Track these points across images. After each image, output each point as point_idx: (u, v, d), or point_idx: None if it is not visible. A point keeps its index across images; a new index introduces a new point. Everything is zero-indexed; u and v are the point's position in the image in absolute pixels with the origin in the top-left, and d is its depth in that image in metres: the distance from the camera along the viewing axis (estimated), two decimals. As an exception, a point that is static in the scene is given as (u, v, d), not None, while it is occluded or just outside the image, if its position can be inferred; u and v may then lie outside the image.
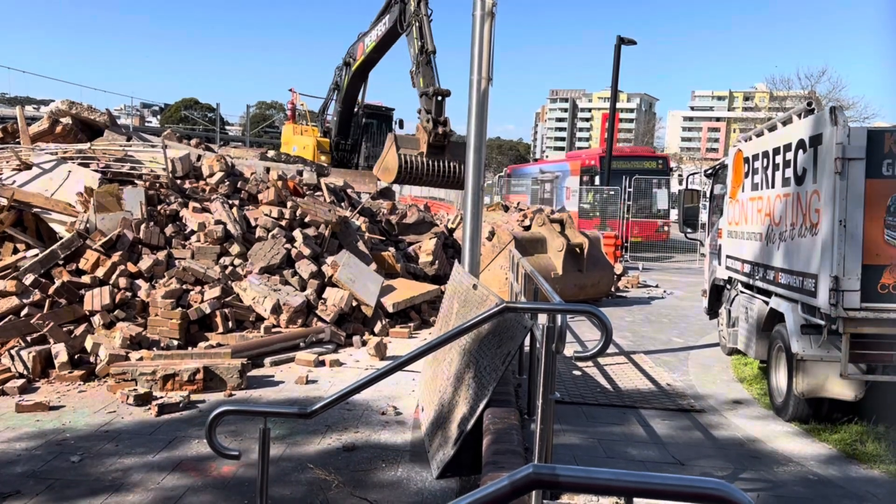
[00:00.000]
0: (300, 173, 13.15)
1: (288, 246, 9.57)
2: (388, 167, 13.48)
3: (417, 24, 15.06)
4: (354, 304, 9.12)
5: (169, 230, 9.26)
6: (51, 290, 7.70)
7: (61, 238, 8.63)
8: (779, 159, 6.96)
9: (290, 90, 26.28)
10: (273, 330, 8.25)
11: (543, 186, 30.79)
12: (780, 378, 6.64)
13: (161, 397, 6.11)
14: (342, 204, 13.11)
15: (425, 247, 12.16)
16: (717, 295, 9.57)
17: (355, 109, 22.15)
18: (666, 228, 25.40)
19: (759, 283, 7.41)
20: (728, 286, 8.91)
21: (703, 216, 11.08)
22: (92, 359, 6.97)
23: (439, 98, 13.73)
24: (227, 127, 69.24)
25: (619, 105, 31.10)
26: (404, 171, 13.25)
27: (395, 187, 32.07)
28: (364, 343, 8.59)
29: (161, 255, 8.75)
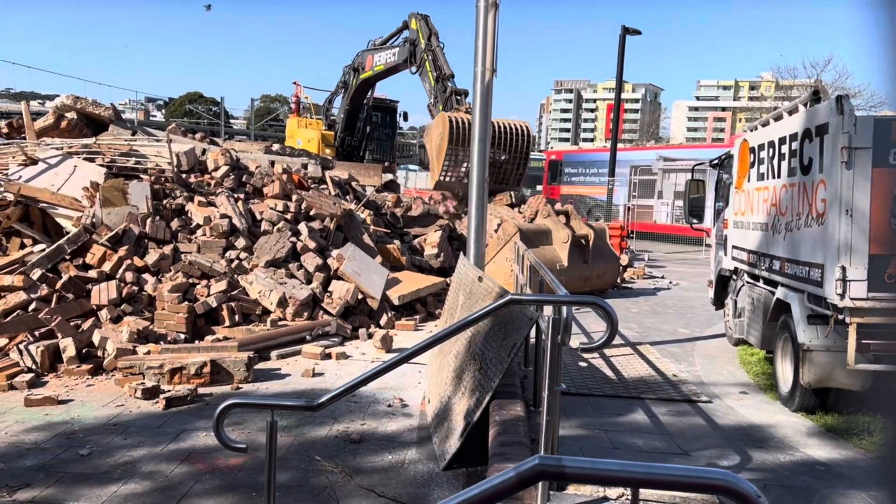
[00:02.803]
0: (305, 167, 13.15)
1: (293, 239, 9.58)
2: (433, 136, 12.04)
3: (431, 56, 14.80)
4: (360, 296, 9.13)
5: (174, 224, 9.28)
6: (58, 285, 7.74)
7: (68, 233, 8.66)
8: (784, 149, 6.93)
9: (294, 83, 26.25)
10: (279, 323, 8.28)
11: (668, 177, 25.56)
12: (786, 368, 6.63)
13: (168, 391, 6.14)
14: (347, 197, 13.11)
15: (430, 239, 12.15)
16: (723, 285, 9.55)
17: (363, 107, 22.18)
18: None
19: (766, 274, 7.39)
20: (734, 277, 8.89)
21: None
22: (99, 353, 7.01)
23: (459, 96, 13.60)
24: (232, 121, 69.25)
25: (624, 95, 30.16)
26: (455, 132, 11.71)
27: (401, 178, 31.71)
28: (370, 336, 8.61)
29: (167, 249, 8.78)
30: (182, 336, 7.61)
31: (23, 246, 8.74)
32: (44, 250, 8.31)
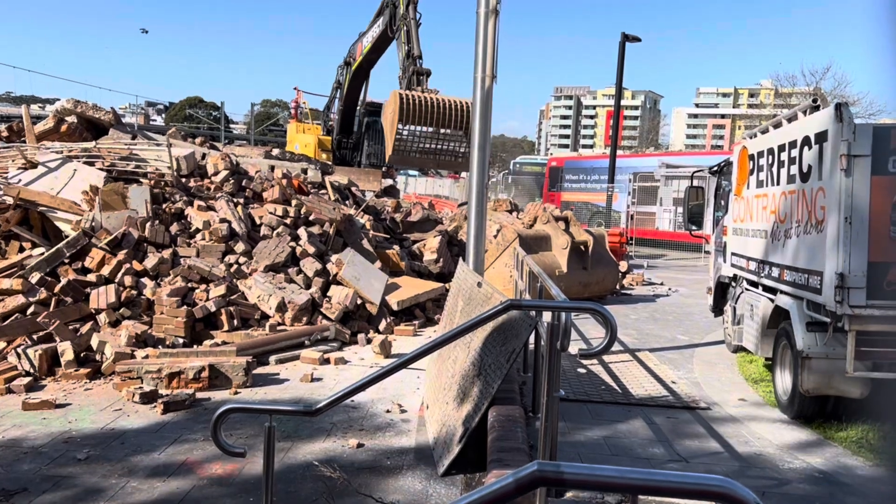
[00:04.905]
0: (305, 171, 13.17)
1: (293, 244, 9.58)
2: (388, 112, 13.04)
3: (405, 27, 15.29)
4: (359, 302, 9.13)
5: (174, 228, 9.28)
6: (57, 289, 7.73)
7: (67, 237, 8.66)
8: (784, 156, 6.94)
9: (295, 89, 26.33)
10: (278, 328, 8.27)
11: (670, 184, 25.01)
12: (785, 375, 6.63)
13: (166, 395, 6.13)
14: (347, 202, 13.12)
15: (430, 244, 12.16)
16: (722, 292, 9.55)
17: (357, 107, 22.27)
18: None
19: (765, 281, 7.39)
20: (733, 283, 8.89)
21: None
22: (98, 357, 7.00)
23: (420, 76, 14.13)
24: (232, 125, 69.35)
25: (623, 102, 30.04)
26: (406, 108, 12.63)
27: (400, 183, 31.72)
28: (369, 341, 8.60)
29: (166, 253, 8.78)
30: (180, 340, 7.59)
31: (22, 249, 8.73)
32: (43, 254, 8.30)
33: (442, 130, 13.76)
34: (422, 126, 13.35)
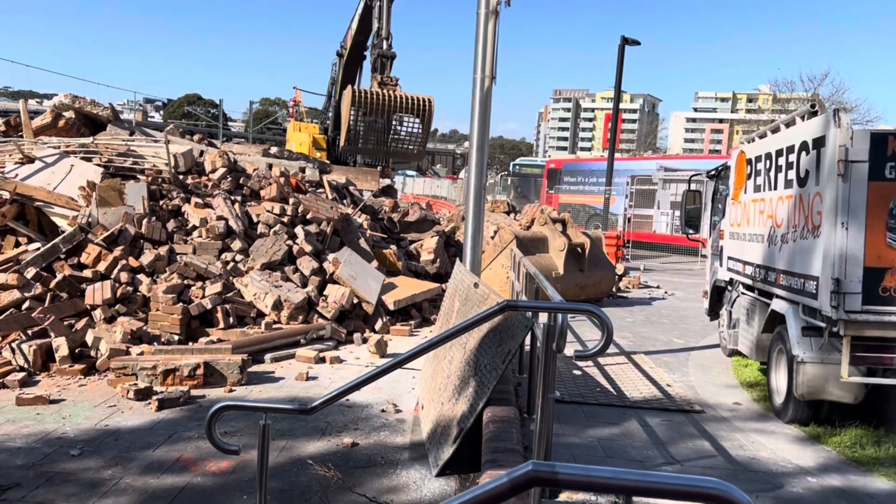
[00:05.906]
0: (302, 170, 13.16)
1: (289, 242, 9.57)
2: (345, 104, 14.19)
3: (378, 4, 15.83)
4: (355, 301, 9.12)
5: (171, 225, 9.26)
6: (52, 284, 7.71)
7: (63, 232, 8.64)
8: (781, 161, 6.96)
9: (294, 87, 26.36)
10: (274, 326, 8.26)
11: (667, 187, 24.76)
12: (780, 380, 6.64)
13: (161, 392, 6.12)
14: (344, 201, 13.12)
15: (427, 245, 12.16)
16: (718, 296, 9.57)
17: None
18: None
19: (761, 285, 7.41)
20: (729, 287, 8.90)
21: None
22: (92, 353, 6.98)
23: (384, 59, 14.73)
24: (230, 123, 69.23)
25: (622, 105, 29.92)
26: (359, 101, 13.81)
27: (398, 183, 31.77)
28: (365, 340, 8.59)
29: (163, 250, 8.76)
30: (176, 337, 7.58)
31: (18, 244, 8.71)
32: (39, 249, 8.28)
33: (395, 124, 14.80)
34: (374, 119, 14.74)
